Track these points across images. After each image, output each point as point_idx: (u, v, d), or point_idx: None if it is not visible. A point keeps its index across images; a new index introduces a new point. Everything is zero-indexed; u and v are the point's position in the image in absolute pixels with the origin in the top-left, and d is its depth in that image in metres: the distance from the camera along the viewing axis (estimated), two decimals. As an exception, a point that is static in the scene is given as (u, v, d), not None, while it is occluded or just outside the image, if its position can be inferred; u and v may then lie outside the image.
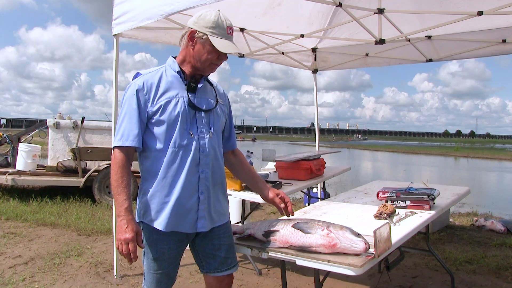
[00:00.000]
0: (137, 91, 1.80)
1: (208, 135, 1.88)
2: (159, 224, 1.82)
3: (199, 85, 1.90)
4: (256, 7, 4.23)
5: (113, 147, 1.82)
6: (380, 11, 3.60)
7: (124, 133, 1.79)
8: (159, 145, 1.82)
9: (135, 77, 1.89)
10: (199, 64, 1.85)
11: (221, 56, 1.86)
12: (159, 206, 1.82)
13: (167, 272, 1.90)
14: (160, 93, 1.82)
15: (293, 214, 2.12)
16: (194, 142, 1.84)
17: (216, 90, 2.02)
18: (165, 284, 1.92)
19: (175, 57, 1.93)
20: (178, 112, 1.81)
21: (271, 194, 2.12)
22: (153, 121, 1.81)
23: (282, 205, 2.09)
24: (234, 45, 1.85)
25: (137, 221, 1.87)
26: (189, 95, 1.86)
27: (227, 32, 1.82)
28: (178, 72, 1.89)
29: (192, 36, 1.83)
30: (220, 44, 1.80)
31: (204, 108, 1.89)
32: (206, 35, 1.80)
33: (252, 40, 4.82)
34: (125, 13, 3.17)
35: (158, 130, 1.81)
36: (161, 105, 1.81)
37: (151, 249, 1.87)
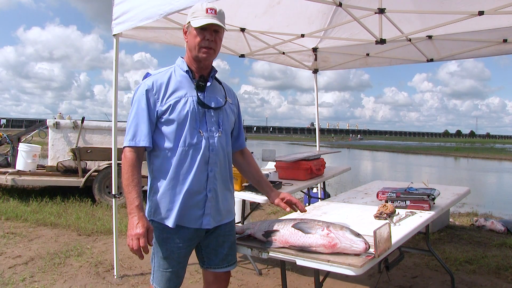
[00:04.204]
0: (147, 91, 1.83)
1: (217, 134, 1.90)
2: (170, 221, 1.85)
3: (208, 84, 1.92)
4: (256, 7, 4.22)
5: (124, 146, 1.84)
6: (381, 11, 3.59)
7: (135, 133, 1.82)
8: (169, 144, 1.84)
9: (145, 77, 1.91)
10: (193, 53, 1.87)
11: (207, 36, 1.84)
12: (170, 204, 1.85)
13: (176, 270, 1.92)
14: (170, 93, 1.84)
15: (305, 211, 2.22)
16: (204, 141, 1.86)
17: (225, 89, 2.04)
18: (174, 282, 1.94)
19: (183, 57, 1.96)
20: (187, 111, 1.83)
21: (276, 200, 2.17)
22: (163, 120, 1.83)
23: (288, 209, 2.14)
24: (210, 19, 1.81)
25: (148, 219, 1.88)
26: (198, 94, 1.87)
27: (206, 12, 1.83)
28: (186, 71, 1.91)
29: (184, 31, 1.91)
30: (197, 22, 1.82)
31: (213, 106, 1.91)
32: (189, 22, 1.85)
33: (252, 40, 4.82)
34: (125, 13, 3.17)
35: (168, 129, 1.83)
36: (170, 104, 1.83)
37: (161, 247, 1.89)
